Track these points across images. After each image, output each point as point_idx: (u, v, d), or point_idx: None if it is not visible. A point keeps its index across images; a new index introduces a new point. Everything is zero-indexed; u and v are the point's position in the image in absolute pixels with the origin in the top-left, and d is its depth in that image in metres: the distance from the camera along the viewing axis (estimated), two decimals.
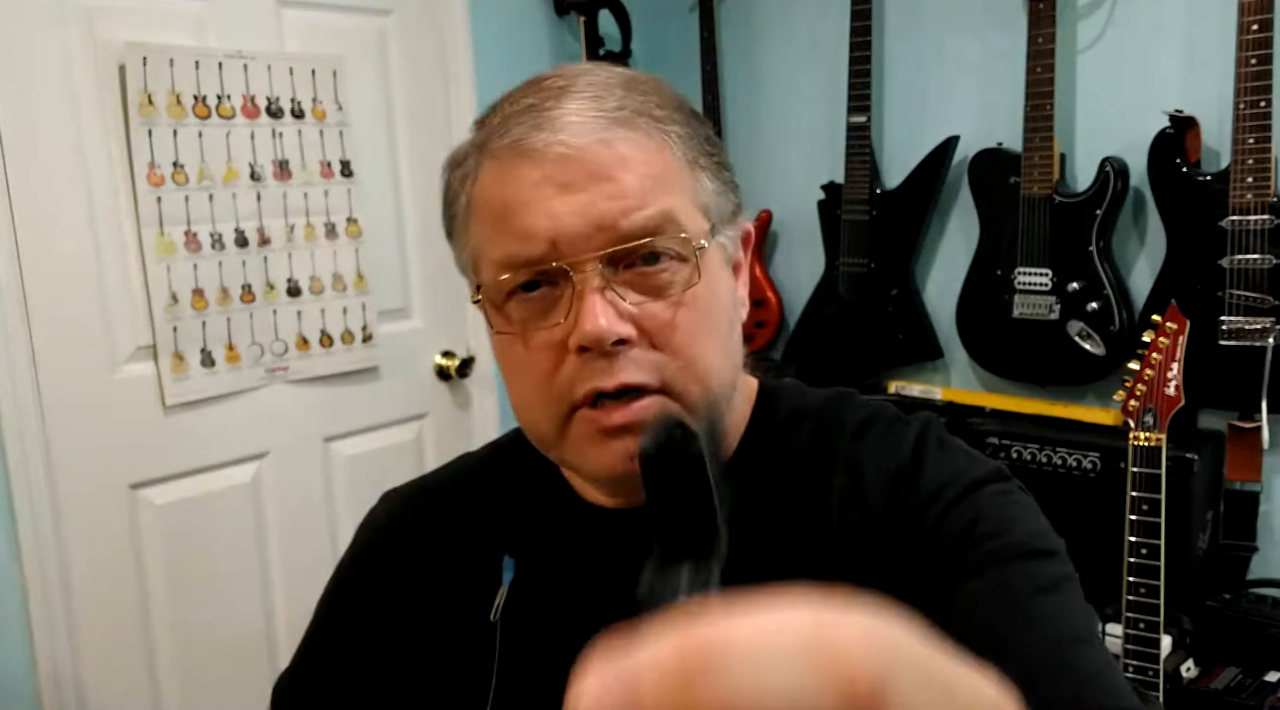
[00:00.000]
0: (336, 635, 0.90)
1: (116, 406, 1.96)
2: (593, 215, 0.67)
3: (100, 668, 1.97)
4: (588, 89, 0.70)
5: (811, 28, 2.54)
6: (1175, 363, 1.74)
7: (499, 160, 0.70)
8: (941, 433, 0.80)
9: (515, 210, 0.69)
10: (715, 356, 0.72)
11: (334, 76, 2.21)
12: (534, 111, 0.70)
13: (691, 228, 0.70)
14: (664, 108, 0.72)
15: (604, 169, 0.68)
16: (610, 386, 0.68)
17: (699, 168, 0.73)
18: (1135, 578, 1.75)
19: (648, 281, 0.69)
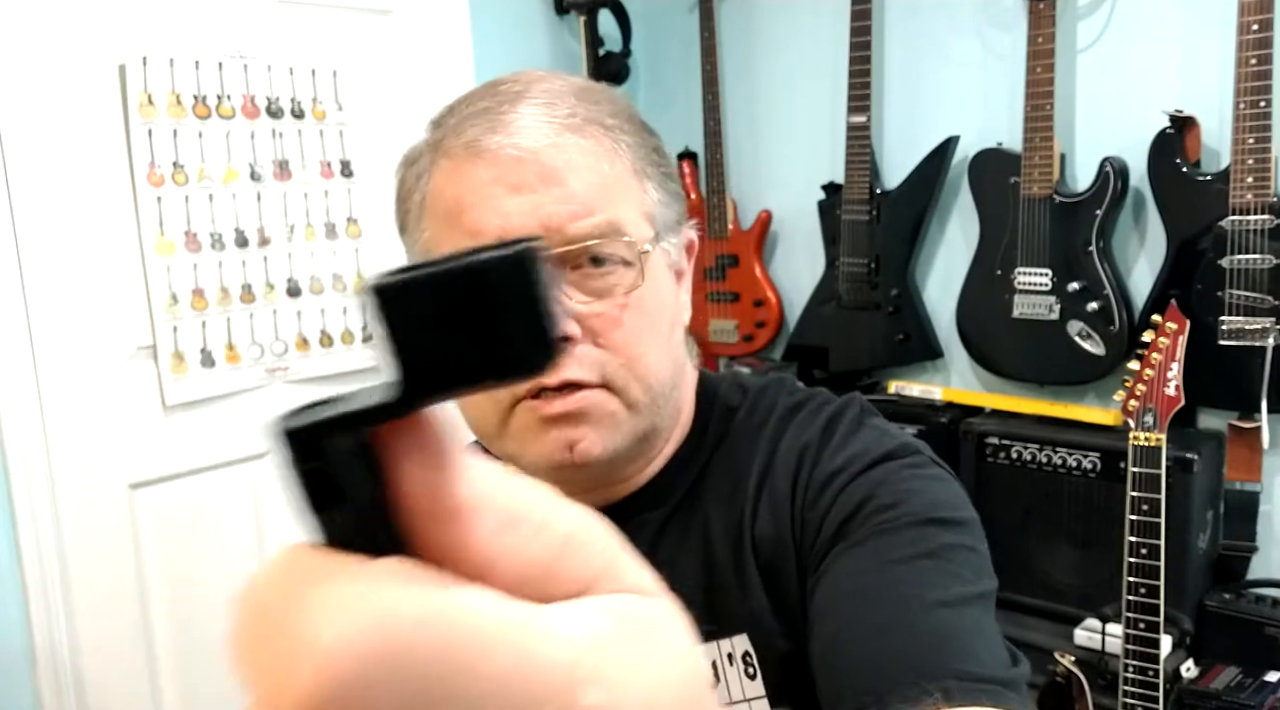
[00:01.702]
0: None
1: (116, 407, 1.96)
2: (541, 216, 0.70)
3: (100, 667, 1.97)
4: (542, 95, 0.73)
5: (811, 28, 2.54)
6: (1175, 363, 1.74)
7: (453, 159, 0.73)
8: (863, 412, 0.80)
9: (467, 208, 0.71)
10: (655, 356, 0.75)
11: (334, 76, 2.21)
12: (489, 114, 0.72)
13: (636, 234, 0.73)
14: (615, 117, 0.74)
15: (554, 173, 0.70)
16: (553, 382, 0.71)
17: (646, 177, 0.75)
18: (1135, 578, 1.75)
19: (593, 283, 0.72)
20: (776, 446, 0.79)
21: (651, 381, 0.75)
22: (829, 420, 0.79)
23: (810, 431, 0.78)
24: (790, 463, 0.77)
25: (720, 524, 0.78)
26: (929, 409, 2.31)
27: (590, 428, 0.72)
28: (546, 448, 0.73)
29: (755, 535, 0.76)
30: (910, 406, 2.32)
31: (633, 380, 0.73)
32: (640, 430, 0.75)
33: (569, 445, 0.72)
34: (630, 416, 0.74)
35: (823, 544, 0.72)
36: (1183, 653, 1.89)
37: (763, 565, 0.75)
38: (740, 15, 2.68)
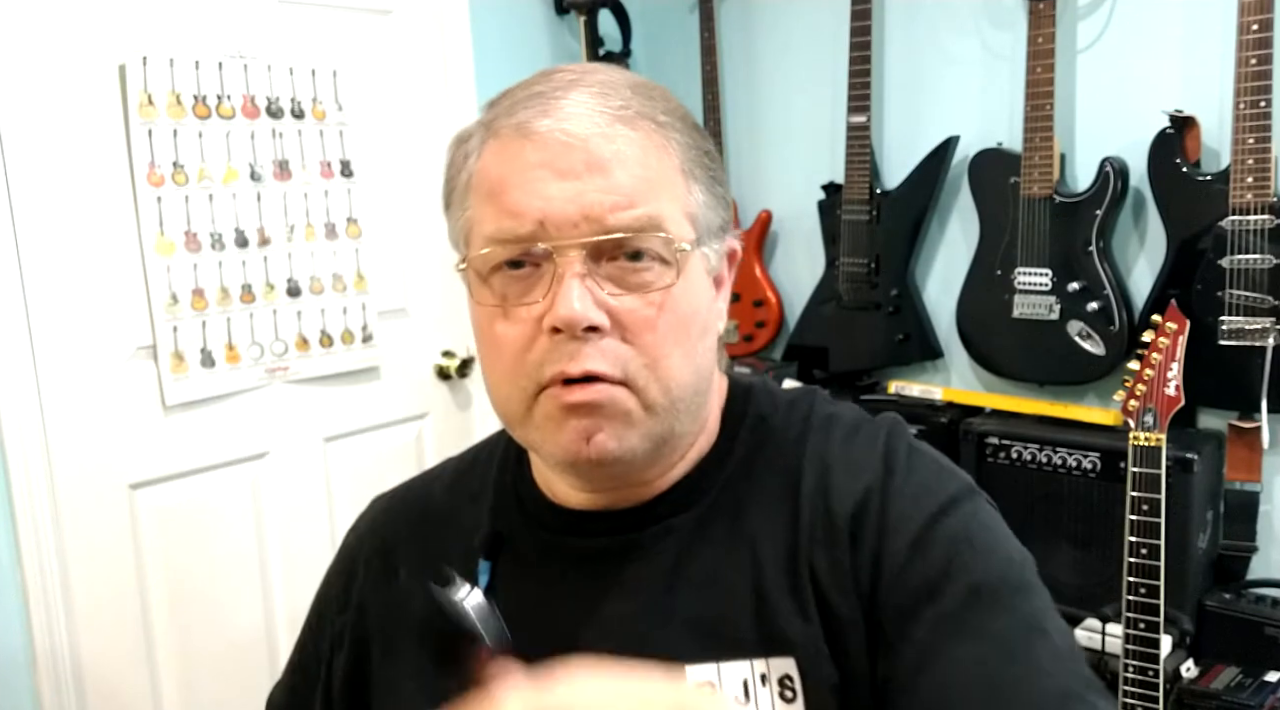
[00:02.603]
0: (323, 642, 0.91)
1: (116, 407, 1.96)
2: (583, 203, 0.70)
3: (100, 668, 1.97)
4: (596, 85, 0.73)
5: (811, 28, 2.54)
6: (1175, 363, 1.74)
7: (502, 140, 0.73)
8: (909, 438, 0.81)
9: (510, 188, 0.71)
10: (681, 360, 0.74)
11: (334, 76, 2.21)
12: (542, 98, 0.72)
13: (677, 233, 0.72)
14: (668, 115, 0.74)
15: (601, 162, 0.70)
16: (575, 372, 0.70)
17: (693, 178, 0.75)
18: (1135, 578, 1.75)
19: (628, 277, 0.72)
20: (829, 468, 0.78)
21: (672, 385, 0.73)
22: (886, 454, 0.78)
23: (869, 467, 0.77)
24: (851, 496, 0.76)
25: (770, 543, 0.77)
26: (929, 409, 2.31)
27: (607, 423, 0.72)
28: (565, 437, 0.72)
29: (813, 564, 0.75)
30: (910, 406, 2.32)
31: (653, 381, 0.72)
32: (656, 433, 0.74)
33: (586, 436, 0.72)
34: (646, 418, 0.73)
35: (908, 600, 0.71)
36: (1183, 653, 1.89)
37: (820, 594, 0.74)
38: (740, 15, 2.68)
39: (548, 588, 0.81)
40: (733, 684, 0.73)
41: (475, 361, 2.49)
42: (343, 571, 0.92)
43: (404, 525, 0.90)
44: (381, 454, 2.38)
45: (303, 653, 0.96)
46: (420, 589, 0.84)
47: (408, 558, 0.88)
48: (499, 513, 0.85)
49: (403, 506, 0.92)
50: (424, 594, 0.82)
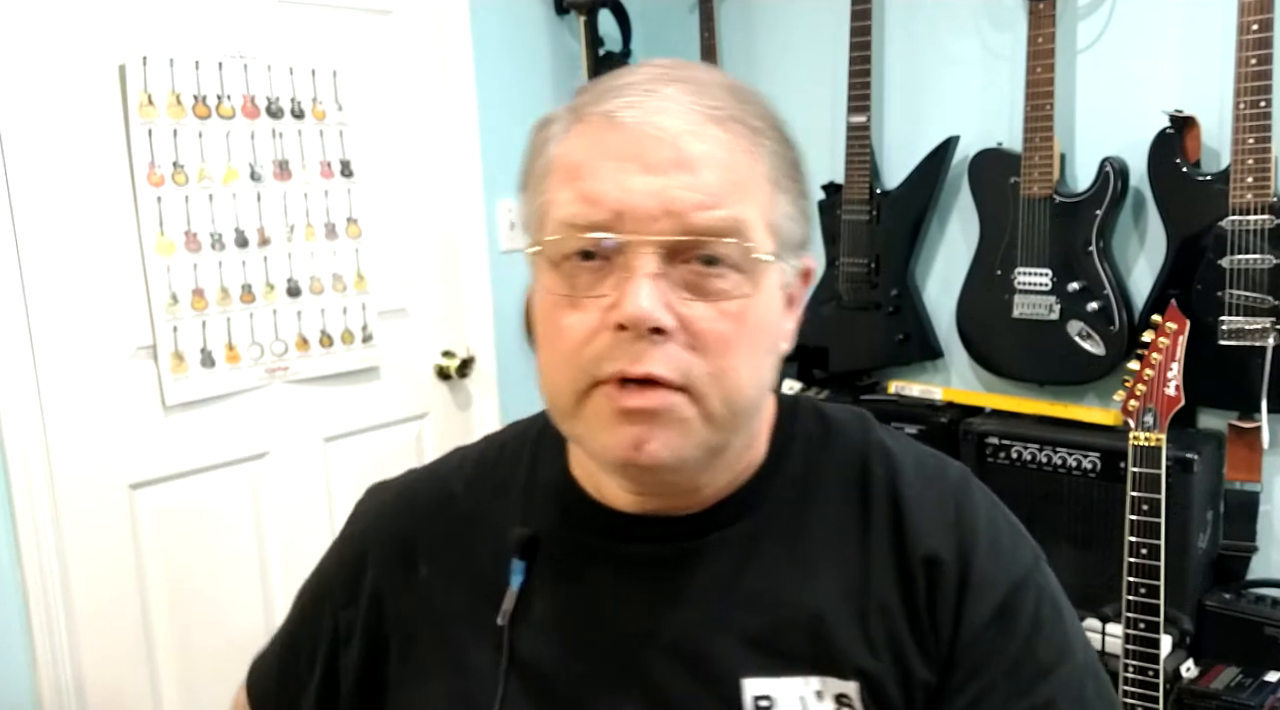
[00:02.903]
0: (321, 632, 0.89)
1: (116, 407, 1.96)
2: (664, 199, 0.68)
3: (100, 667, 1.97)
4: (692, 83, 0.71)
5: (811, 28, 2.54)
6: (1175, 363, 1.74)
7: (589, 126, 0.71)
8: (978, 485, 0.83)
9: (591, 175, 0.69)
10: (746, 373, 0.72)
11: (334, 76, 2.21)
12: (634, 89, 0.70)
13: (758, 242, 0.70)
14: (762, 121, 0.73)
15: (688, 160, 0.68)
16: (636, 373, 0.68)
17: (780, 189, 0.73)
18: (1135, 578, 1.75)
19: (702, 283, 0.69)
20: (904, 512, 0.78)
21: (735, 398, 0.71)
22: (959, 501, 0.80)
23: (945, 513, 0.78)
24: (929, 540, 0.77)
25: (834, 566, 0.77)
26: (929, 409, 2.31)
27: (661, 430, 0.69)
28: (614, 441, 0.70)
29: (884, 599, 0.75)
30: (910, 406, 2.32)
31: (716, 391, 0.70)
32: (711, 444, 0.72)
33: (637, 444, 0.69)
34: (704, 428, 0.71)
35: (984, 668, 0.74)
36: (1183, 653, 1.89)
37: (891, 630, 0.75)
38: (740, 15, 2.68)
39: (591, 592, 0.79)
40: (789, 700, 0.74)
41: (475, 361, 2.51)
42: (348, 562, 0.89)
43: (422, 519, 0.87)
44: (381, 454, 2.38)
45: (294, 638, 0.94)
46: (444, 586, 0.83)
47: (429, 553, 0.85)
48: (533, 511, 0.83)
49: (417, 499, 0.89)
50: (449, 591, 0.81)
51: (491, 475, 0.87)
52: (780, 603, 0.76)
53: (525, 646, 0.78)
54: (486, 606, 0.80)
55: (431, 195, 2.45)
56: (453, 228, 2.49)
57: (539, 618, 0.79)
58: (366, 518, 0.92)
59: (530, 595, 0.79)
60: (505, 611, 0.79)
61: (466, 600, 0.82)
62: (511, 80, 2.59)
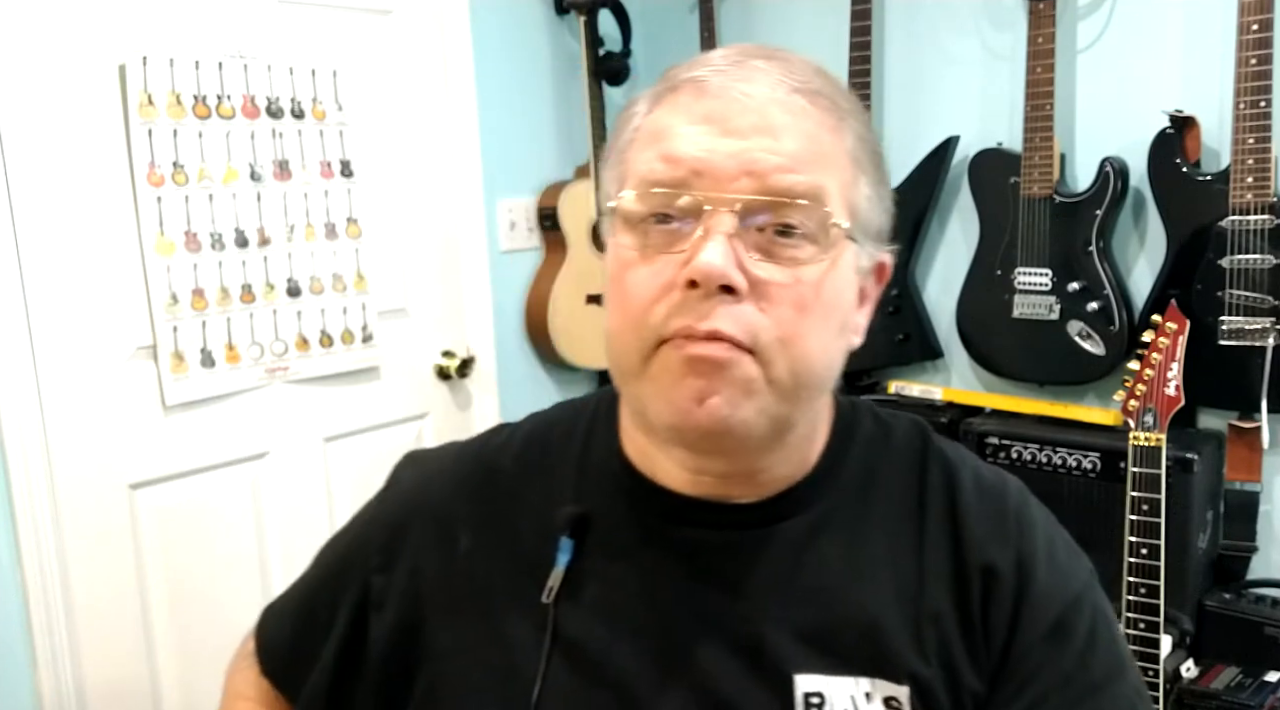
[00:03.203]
0: (347, 594, 0.87)
1: (116, 407, 1.96)
2: (745, 160, 0.68)
3: (100, 667, 1.97)
4: (781, 60, 0.72)
5: (811, 28, 2.54)
6: (1175, 363, 1.74)
7: (677, 93, 0.72)
8: (1035, 501, 0.83)
9: (673, 135, 0.70)
10: (815, 344, 0.71)
11: (334, 76, 2.21)
12: (725, 59, 0.72)
13: (836, 211, 0.70)
14: (849, 103, 0.74)
15: (772, 126, 0.69)
16: (702, 329, 0.68)
17: (861, 170, 0.73)
18: (1135, 578, 1.75)
19: (776, 249, 0.69)
20: (961, 522, 0.79)
21: (800, 367, 0.70)
22: (1019, 515, 0.80)
23: (1003, 525, 0.79)
24: (986, 550, 0.77)
25: (888, 571, 0.77)
26: (929, 409, 2.31)
27: (725, 385, 0.68)
28: (678, 394, 0.69)
29: (938, 607, 0.76)
30: (910, 407, 2.32)
31: (782, 355, 0.69)
32: (774, 412, 0.71)
33: (700, 397, 0.68)
34: (769, 391, 0.69)
35: (1038, 679, 0.75)
36: (1183, 653, 1.89)
37: (942, 638, 0.76)
38: (740, 15, 2.68)
39: (643, 574, 0.78)
40: (840, 698, 0.74)
41: (475, 361, 2.51)
42: (387, 526, 0.87)
43: (467, 491, 0.86)
44: (381, 454, 2.37)
45: (314, 594, 0.92)
46: (486, 560, 0.82)
47: (472, 526, 0.84)
48: (585, 489, 0.82)
49: (461, 470, 0.88)
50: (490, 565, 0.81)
51: (541, 452, 0.86)
52: (836, 601, 0.76)
53: (570, 625, 0.78)
54: (530, 583, 0.79)
55: (431, 195, 2.45)
56: (453, 228, 2.49)
57: (586, 597, 0.78)
58: (409, 484, 0.91)
59: (577, 574, 0.79)
60: (551, 589, 0.78)
61: (509, 575, 0.81)
62: (511, 80, 2.59)
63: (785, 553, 0.77)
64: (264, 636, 0.98)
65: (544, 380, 2.74)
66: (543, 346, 2.66)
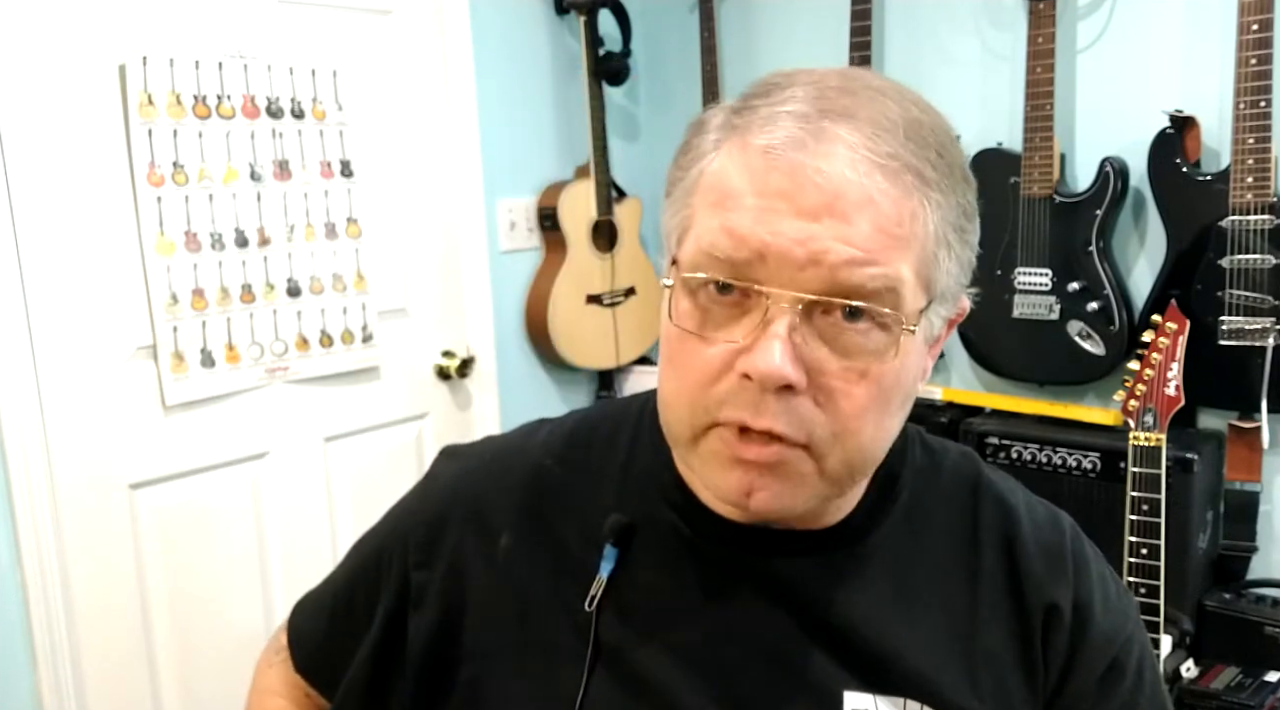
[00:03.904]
0: (386, 588, 0.86)
1: (116, 407, 1.96)
2: (813, 249, 0.63)
3: (100, 667, 1.97)
4: (869, 124, 0.65)
5: (811, 28, 2.54)
6: (1175, 363, 1.74)
7: (749, 154, 0.66)
8: (1086, 539, 0.85)
9: (741, 208, 0.65)
10: (871, 434, 0.69)
11: (334, 76, 2.21)
12: (807, 122, 0.65)
13: (909, 305, 0.66)
14: (937, 169, 0.67)
15: (847, 210, 0.63)
16: (757, 427, 0.66)
17: (944, 245, 0.68)
18: (1135, 578, 1.75)
19: (840, 337, 0.66)
20: (1019, 559, 0.79)
21: (856, 458, 0.69)
22: (1075, 556, 0.81)
23: (1060, 565, 0.80)
24: (1046, 590, 0.78)
25: (937, 606, 0.77)
26: (929, 409, 2.31)
27: (774, 481, 0.68)
28: (725, 483, 0.69)
29: (990, 642, 0.77)
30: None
31: (837, 450, 0.68)
32: (823, 496, 0.71)
33: (747, 491, 0.68)
34: (819, 483, 0.69)
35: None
36: (1183, 653, 1.89)
37: (994, 677, 0.76)
38: (740, 15, 2.68)
39: (687, 588, 0.78)
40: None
41: (475, 361, 2.51)
42: (428, 522, 0.86)
43: (508, 488, 0.85)
44: (381, 454, 2.39)
45: (350, 592, 0.91)
46: (527, 560, 0.81)
47: (513, 524, 0.83)
48: (628, 497, 0.81)
49: (504, 467, 0.87)
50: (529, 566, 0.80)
51: (584, 454, 0.85)
52: (886, 632, 0.75)
53: (612, 635, 0.77)
54: (572, 588, 0.79)
55: (431, 195, 2.45)
56: (453, 228, 2.49)
57: (628, 607, 0.78)
58: (447, 479, 0.89)
59: (620, 583, 0.78)
60: (593, 597, 0.77)
61: (551, 578, 0.80)
62: (511, 80, 2.59)
63: (834, 581, 0.77)
64: (297, 632, 0.96)
65: (544, 380, 2.74)
66: (542, 346, 2.66)
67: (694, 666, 0.75)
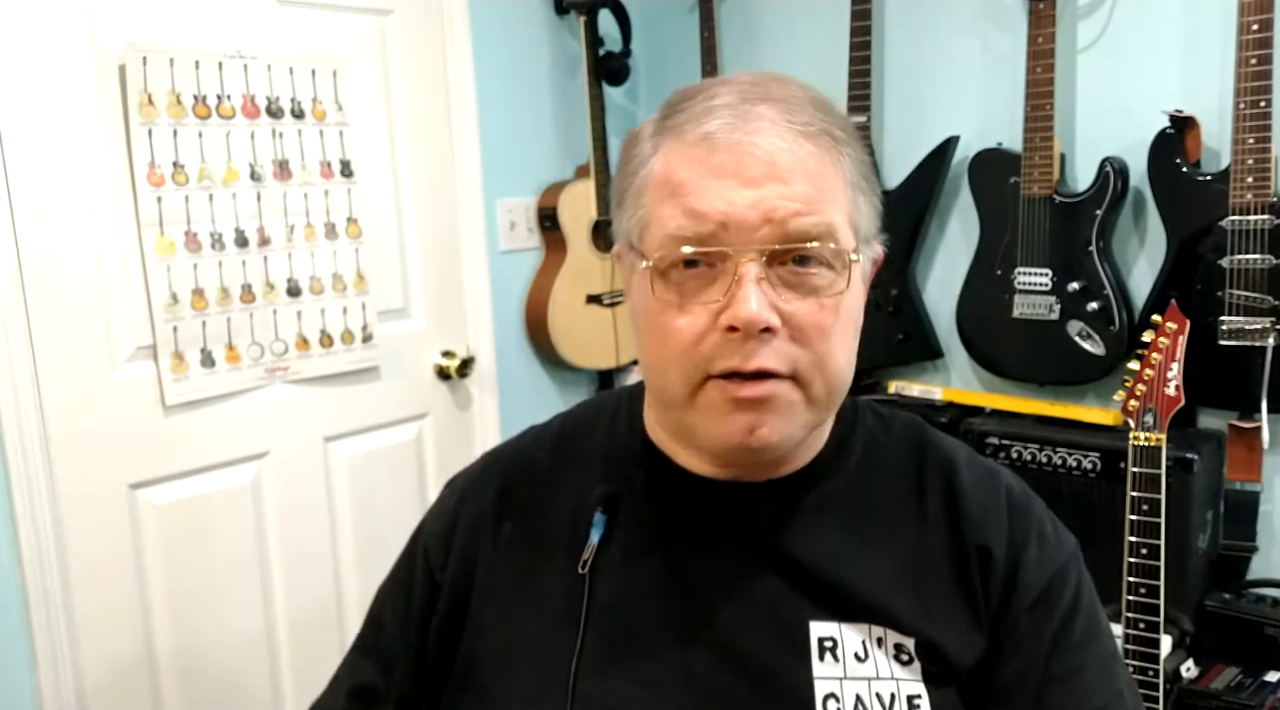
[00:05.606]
0: (424, 593, 0.94)
1: (116, 406, 1.96)
2: (764, 209, 0.75)
3: (100, 667, 1.97)
4: (781, 102, 0.79)
5: (811, 28, 2.54)
6: (1175, 363, 1.74)
7: (689, 145, 0.78)
8: (1024, 485, 0.93)
9: (696, 191, 0.77)
10: (843, 358, 0.81)
11: (334, 76, 2.21)
12: (729, 110, 0.77)
13: (845, 242, 0.79)
14: (843, 131, 0.81)
15: (783, 173, 0.76)
16: (749, 368, 0.76)
17: (859, 190, 0.82)
18: (1135, 578, 1.75)
19: (799, 281, 0.78)
20: (959, 502, 0.88)
21: (835, 381, 0.81)
22: (1010, 505, 0.89)
23: (996, 505, 0.88)
24: (981, 528, 0.87)
25: (889, 546, 0.86)
26: (929, 409, 2.31)
27: (771, 415, 0.78)
28: (728, 429, 0.78)
29: (939, 583, 0.85)
30: (910, 407, 2.32)
31: (818, 376, 0.79)
32: (813, 423, 0.82)
33: (750, 429, 0.78)
34: (807, 409, 0.80)
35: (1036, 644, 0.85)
36: (1183, 653, 1.89)
37: (944, 605, 0.85)
38: (740, 15, 2.68)
39: (667, 544, 0.87)
40: (853, 642, 0.83)
41: (475, 361, 2.51)
42: (439, 532, 0.96)
43: (503, 487, 0.95)
44: (381, 454, 2.38)
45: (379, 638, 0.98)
46: (526, 541, 0.91)
47: (511, 515, 0.93)
48: (611, 472, 0.91)
49: (495, 471, 0.97)
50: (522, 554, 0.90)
51: (571, 445, 0.96)
52: (845, 569, 0.84)
53: (603, 593, 0.86)
54: (566, 558, 0.88)
55: (431, 195, 2.45)
56: (453, 228, 2.49)
57: (617, 566, 0.87)
58: (452, 491, 0.99)
59: (609, 546, 0.87)
60: (585, 561, 0.87)
61: (547, 554, 0.89)
62: (511, 80, 2.59)
63: (796, 525, 0.86)
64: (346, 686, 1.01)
65: (544, 380, 2.74)
66: (543, 346, 2.66)
67: (677, 614, 0.85)
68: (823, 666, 0.82)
